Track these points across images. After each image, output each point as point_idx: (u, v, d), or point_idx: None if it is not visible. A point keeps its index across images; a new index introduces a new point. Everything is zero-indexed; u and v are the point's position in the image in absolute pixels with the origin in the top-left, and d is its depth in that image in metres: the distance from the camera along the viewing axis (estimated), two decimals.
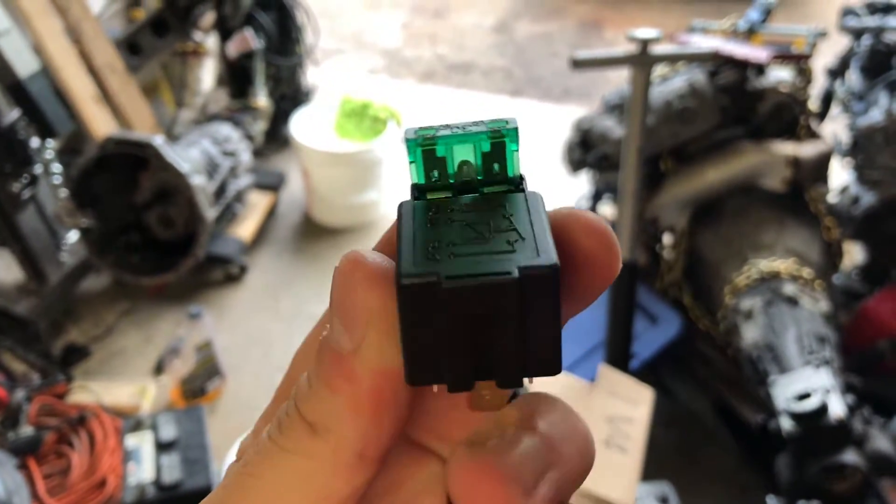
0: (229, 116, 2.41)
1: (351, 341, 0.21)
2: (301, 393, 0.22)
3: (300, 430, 0.21)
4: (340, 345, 0.21)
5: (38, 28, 2.02)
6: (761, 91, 1.73)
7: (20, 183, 1.80)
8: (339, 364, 0.21)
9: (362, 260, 0.21)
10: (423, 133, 0.22)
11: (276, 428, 0.22)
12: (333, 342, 0.21)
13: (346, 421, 0.21)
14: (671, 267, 1.78)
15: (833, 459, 1.25)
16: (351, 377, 0.21)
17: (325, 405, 0.21)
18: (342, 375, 0.21)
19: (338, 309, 0.21)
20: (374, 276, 0.21)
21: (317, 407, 0.21)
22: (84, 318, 2.10)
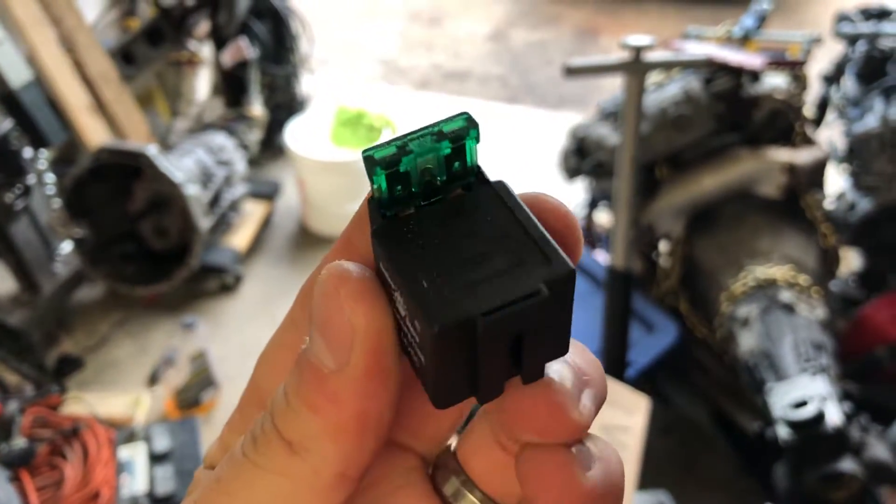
0: (224, 125, 2.41)
1: (335, 360, 0.20)
2: (278, 409, 0.21)
3: (277, 449, 0.21)
4: (322, 363, 0.20)
5: (32, 38, 2.01)
6: (756, 98, 1.73)
7: (13, 193, 1.79)
8: (321, 383, 0.20)
9: (347, 274, 0.20)
10: (383, 154, 0.21)
11: (250, 443, 0.21)
12: (314, 359, 0.20)
13: (327, 443, 0.20)
14: (667, 274, 1.78)
15: (830, 468, 1.24)
16: (334, 398, 0.20)
17: (305, 425, 0.20)
18: (324, 396, 0.20)
19: (320, 325, 0.20)
20: (360, 291, 0.20)
21: (296, 426, 0.20)
22: (78, 329, 2.09)
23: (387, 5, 4.39)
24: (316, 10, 4.09)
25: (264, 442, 0.21)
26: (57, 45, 2.09)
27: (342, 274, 0.20)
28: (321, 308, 0.20)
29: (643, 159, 1.71)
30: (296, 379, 0.21)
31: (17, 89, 1.82)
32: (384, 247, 0.21)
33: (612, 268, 1.47)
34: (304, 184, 2.40)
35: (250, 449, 0.21)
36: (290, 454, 0.20)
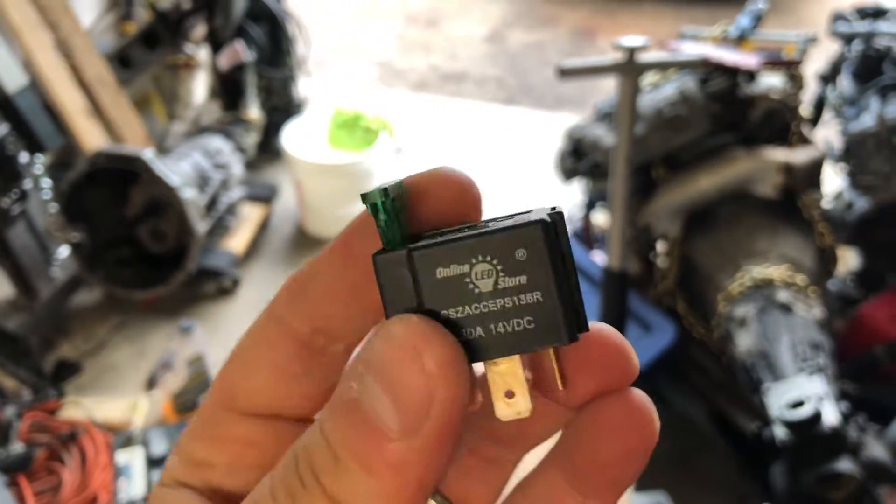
0: (221, 129, 2.41)
1: (402, 426, 0.18)
2: (324, 464, 0.19)
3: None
4: (386, 424, 0.18)
5: (28, 42, 2.02)
6: (752, 97, 1.73)
7: (10, 198, 1.79)
8: (382, 446, 0.18)
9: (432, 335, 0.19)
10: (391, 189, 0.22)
11: (284, 495, 0.20)
12: (375, 417, 0.18)
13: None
14: (665, 275, 1.77)
15: (828, 468, 1.24)
16: (397, 465, 0.18)
17: (357, 486, 0.18)
18: (384, 461, 0.18)
19: (390, 384, 0.18)
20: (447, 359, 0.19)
21: (347, 487, 0.19)
22: (75, 333, 2.09)
23: (384, 7, 4.39)
24: (312, 13, 4.10)
25: (305, 496, 0.19)
26: (53, 49, 2.09)
27: (426, 334, 0.19)
28: (395, 366, 0.19)
29: (640, 160, 1.71)
30: (348, 434, 0.19)
31: (13, 94, 1.82)
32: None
33: (607, 268, 1.47)
34: (302, 186, 2.40)
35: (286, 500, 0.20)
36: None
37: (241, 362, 0.24)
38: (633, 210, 1.75)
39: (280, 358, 0.23)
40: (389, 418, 0.18)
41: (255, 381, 0.23)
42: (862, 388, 1.55)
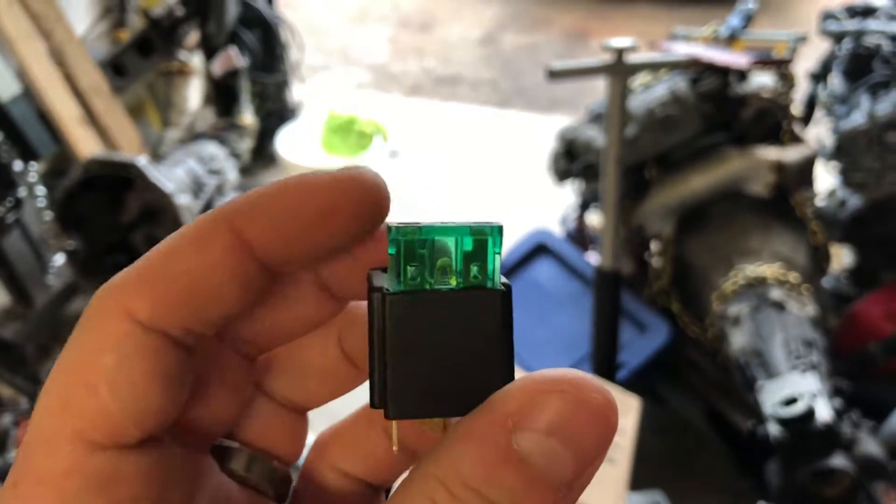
0: (215, 135, 2.41)
1: (573, 472, 0.18)
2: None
3: None
4: (562, 475, 0.18)
5: (21, 51, 2.02)
6: (743, 97, 1.74)
7: (4, 207, 1.79)
8: (554, 494, 0.18)
9: (606, 391, 0.19)
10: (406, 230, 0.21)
11: None
12: (553, 475, 0.18)
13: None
14: (659, 275, 1.78)
15: (821, 464, 1.24)
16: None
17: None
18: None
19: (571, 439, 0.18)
20: (615, 409, 0.19)
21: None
22: None
23: (377, 12, 4.40)
24: (306, 18, 4.11)
25: None
26: (47, 57, 2.10)
27: (600, 390, 0.19)
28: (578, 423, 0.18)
29: (632, 160, 1.72)
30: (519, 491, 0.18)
31: (7, 102, 1.82)
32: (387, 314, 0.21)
33: (600, 268, 1.48)
34: None
35: None
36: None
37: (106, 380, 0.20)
38: (625, 210, 1.76)
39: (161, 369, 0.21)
40: (564, 470, 0.18)
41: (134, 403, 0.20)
42: (856, 384, 1.56)
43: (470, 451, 0.18)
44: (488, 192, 2.74)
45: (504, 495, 0.18)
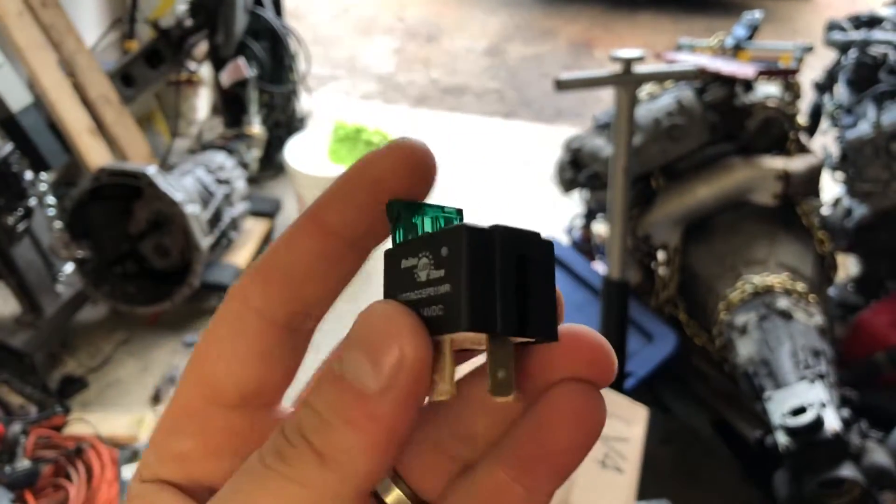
0: (223, 144, 2.42)
1: (379, 384, 0.21)
2: (311, 426, 0.22)
3: (307, 461, 0.22)
4: (364, 383, 0.21)
5: (32, 61, 2.04)
6: (749, 106, 1.74)
7: (14, 216, 1.81)
8: (363, 403, 0.21)
9: (402, 309, 0.22)
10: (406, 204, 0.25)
11: (274, 456, 0.22)
12: (353, 378, 0.22)
13: (359, 456, 0.21)
14: (666, 284, 1.78)
15: (830, 474, 1.24)
16: (374, 417, 0.21)
17: (341, 439, 0.21)
18: (364, 414, 0.21)
19: (367, 350, 0.22)
20: (413, 326, 0.22)
21: (331, 440, 0.21)
22: (81, 349, 2.10)
23: (384, 23, 4.42)
24: (314, 29, 4.13)
25: (294, 454, 0.22)
26: (57, 68, 2.12)
27: (397, 311, 0.22)
28: (373, 334, 0.22)
29: (639, 170, 1.73)
30: (333, 396, 0.22)
31: (17, 113, 1.84)
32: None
33: (607, 278, 1.48)
34: (304, 201, 2.42)
35: (275, 461, 0.22)
36: (321, 465, 0.21)
37: (218, 353, 0.25)
38: (632, 220, 1.77)
39: (260, 346, 0.25)
40: (369, 380, 0.21)
41: (236, 372, 0.25)
42: (863, 394, 1.55)
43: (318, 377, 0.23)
44: (494, 202, 2.75)
45: (323, 404, 0.22)
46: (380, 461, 0.21)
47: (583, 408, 0.23)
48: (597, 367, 0.24)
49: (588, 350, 0.24)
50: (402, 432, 0.22)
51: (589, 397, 0.23)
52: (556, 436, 0.23)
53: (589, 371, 0.23)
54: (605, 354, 0.24)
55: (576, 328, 0.24)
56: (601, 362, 0.24)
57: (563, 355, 0.24)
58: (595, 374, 0.23)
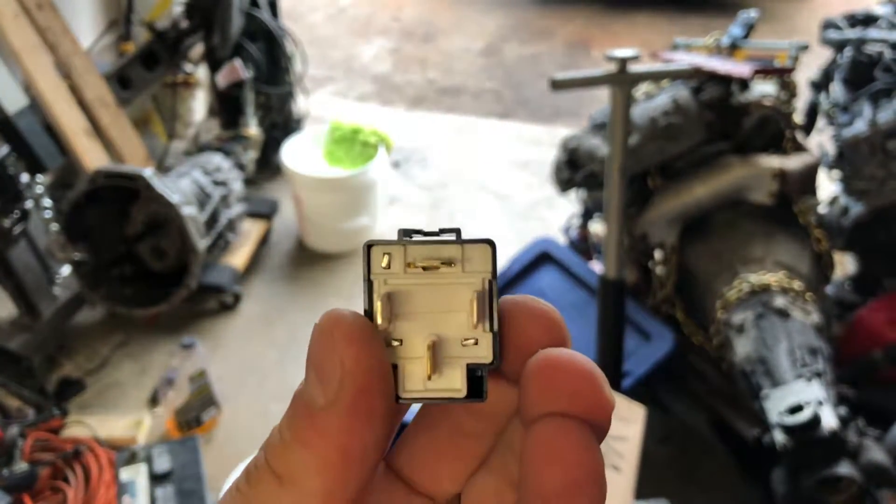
0: (220, 146, 2.42)
1: (324, 397, 0.21)
2: (271, 445, 0.22)
3: (268, 482, 0.22)
4: (314, 400, 0.21)
5: (28, 64, 2.03)
6: (745, 105, 1.74)
7: (11, 218, 1.80)
8: (311, 419, 0.21)
9: (341, 318, 0.22)
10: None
11: (243, 478, 0.23)
12: (307, 396, 0.22)
13: (313, 475, 0.21)
14: (663, 283, 1.78)
15: (828, 472, 1.24)
16: (321, 433, 0.21)
17: (294, 458, 0.21)
18: (313, 430, 0.21)
19: (314, 364, 0.22)
20: (351, 334, 0.21)
21: (285, 459, 0.21)
22: (78, 352, 2.09)
23: (380, 24, 4.42)
24: (310, 31, 4.13)
25: (256, 476, 0.22)
26: (53, 70, 2.11)
27: (337, 318, 0.22)
28: (316, 348, 0.22)
29: (635, 169, 1.73)
30: (289, 415, 0.22)
31: (13, 115, 1.84)
32: None
33: (604, 277, 1.48)
34: (301, 201, 2.42)
35: (244, 484, 0.22)
36: (279, 486, 0.21)
37: None
38: (629, 219, 1.77)
39: None
40: (316, 393, 0.21)
41: None
42: (860, 392, 1.56)
43: None
44: (491, 201, 2.75)
45: (283, 424, 0.22)
46: (335, 481, 0.21)
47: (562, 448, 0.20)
48: (581, 399, 0.21)
49: (570, 380, 0.21)
50: (358, 447, 0.21)
51: (568, 435, 0.20)
52: (543, 479, 0.20)
53: (571, 405, 0.21)
54: (590, 383, 0.21)
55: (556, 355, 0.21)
56: (585, 393, 0.21)
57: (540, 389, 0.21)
58: (580, 407, 0.21)
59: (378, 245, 0.24)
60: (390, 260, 0.24)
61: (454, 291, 0.24)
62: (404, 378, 0.23)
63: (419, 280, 0.24)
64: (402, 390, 0.23)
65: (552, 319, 0.23)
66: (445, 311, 0.24)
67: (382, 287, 0.23)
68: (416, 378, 0.23)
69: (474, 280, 0.23)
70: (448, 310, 0.24)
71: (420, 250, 0.24)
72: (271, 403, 1.92)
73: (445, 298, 0.24)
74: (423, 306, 0.24)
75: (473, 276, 0.24)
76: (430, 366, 0.23)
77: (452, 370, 0.23)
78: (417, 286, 0.24)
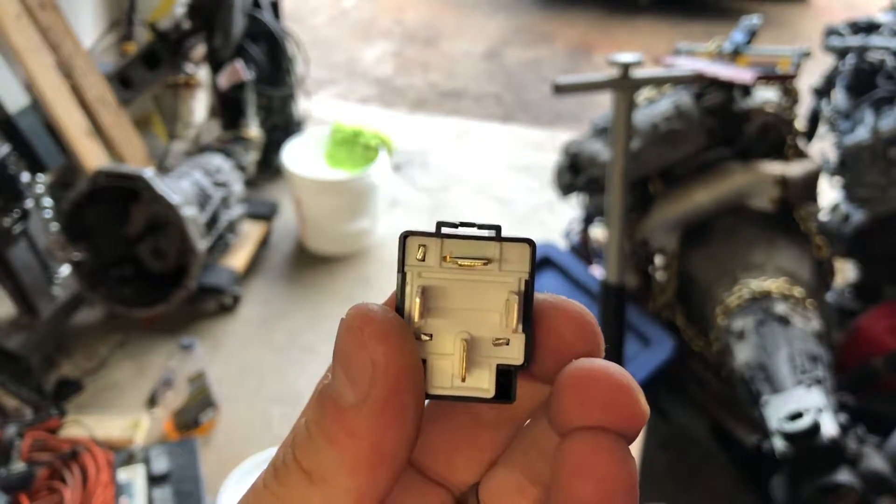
0: (221, 147, 2.42)
1: (354, 395, 0.21)
2: (299, 441, 0.22)
3: (296, 479, 0.21)
4: (343, 397, 0.21)
5: (29, 63, 2.03)
6: (747, 111, 1.74)
7: (11, 218, 1.80)
8: (341, 417, 0.21)
9: (372, 314, 0.21)
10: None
11: (271, 475, 0.22)
12: (335, 394, 0.21)
13: (343, 474, 0.21)
14: (663, 289, 1.78)
15: (827, 479, 1.24)
16: (352, 432, 0.21)
17: (324, 456, 0.21)
18: (343, 429, 0.21)
19: (342, 362, 0.21)
20: (383, 331, 0.21)
21: (315, 457, 0.21)
22: (77, 352, 2.09)
23: (382, 26, 4.42)
24: (312, 32, 4.13)
25: (284, 473, 0.22)
26: (55, 70, 2.11)
27: (367, 314, 0.21)
28: (344, 345, 0.21)
29: (637, 175, 1.73)
30: (317, 412, 0.22)
31: (14, 114, 1.83)
32: None
33: (605, 282, 1.48)
34: (302, 204, 2.42)
35: (271, 480, 0.22)
36: (309, 484, 0.21)
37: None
38: (630, 224, 1.76)
39: None
40: (345, 391, 0.21)
41: None
42: (860, 399, 1.55)
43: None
44: (492, 205, 2.75)
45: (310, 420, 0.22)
46: (365, 479, 0.21)
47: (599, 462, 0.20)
48: (617, 411, 0.21)
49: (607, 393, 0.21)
50: (390, 445, 0.21)
51: (605, 449, 0.20)
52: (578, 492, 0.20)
53: (607, 418, 0.21)
54: (627, 395, 0.21)
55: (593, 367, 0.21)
56: (622, 406, 0.21)
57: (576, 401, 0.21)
58: (616, 420, 0.21)
59: (414, 236, 0.23)
60: (426, 252, 0.23)
61: (489, 289, 0.23)
62: (432, 374, 0.23)
63: (454, 275, 0.23)
64: (429, 387, 0.23)
65: (587, 323, 0.23)
66: (478, 308, 0.23)
67: (416, 280, 0.23)
68: (445, 375, 0.23)
69: (510, 280, 0.23)
70: (481, 308, 0.23)
71: (457, 245, 0.23)
72: (270, 405, 1.92)
73: (479, 296, 0.23)
74: (455, 302, 0.23)
75: (510, 275, 0.23)
76: (464, 366, 0.23)
77: (481, 370, 0.23)
78: (451, 281, 0.23)
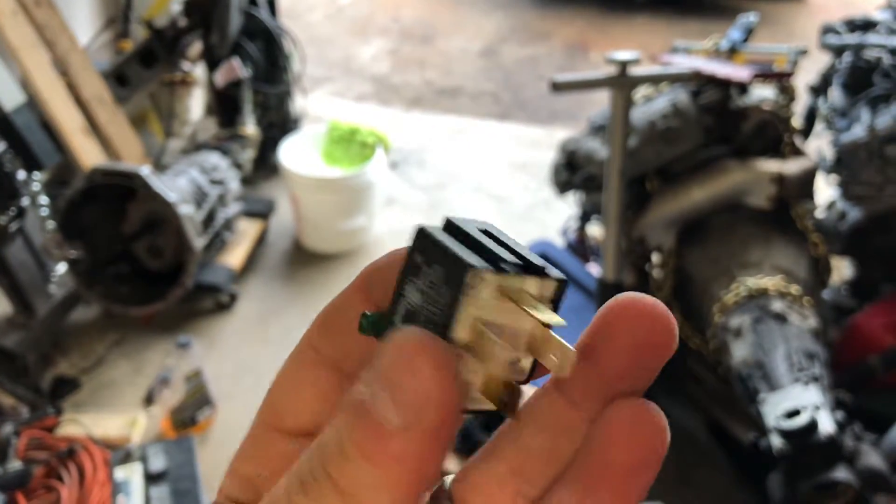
0: (217, 145, 2.42)
1: (402, 420, 0.20)
2: (332, 456, 0.21)
3: (329, 496, 0.21)
4: (387, 419, 0.20)
5: (25, 61, 2.03)
6: (744, 109, 1.74)
7: (7, 216, 1.80)
8: (384, 439, 0.20)
9: (427, 342, 0.21)
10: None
11: (298, 488, 0.22)
12: (377, 414, 0.21)
13: (383, 495, 0.21)
14: (660, 286, 1.78)
15: (824, 477, 1.24)
16: (397, 456, 0.20)
17: (362, 476, 0.21)
18: (386, 451, 0.20)
19: (388, 383, 0.21)
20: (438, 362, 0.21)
21: (352, 476, 0.21)
22: (73, 350, 2.09)
23: (379, 24, 4.42)
24: (308, 30, 4.13)
25: (316, 488, 0.21)
26: (51, 67, 2.11)
27: (422, 341, 0.21)
28: (393, 367, 0.21)
29: (634, 172, 1.73)
30: (356, 431, 0.21)
31: (10, 112, 1.83)
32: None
33: (602, 280, 1.48)
34: (299, 201, 2.41)
35: (298, 494, 0.22)
36: (342, 502, 0.21)
37: (283, 389, 0.28)
38: (627, 222, 1.77)
39: (318, 382, 0.27)
40: (390, 415, 0.20)
41: (298, 404, 0.27)
42: (857, 397, 1.56)
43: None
44: (489, 203, 2.75)
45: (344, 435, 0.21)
46: (405, 499, 0.21)
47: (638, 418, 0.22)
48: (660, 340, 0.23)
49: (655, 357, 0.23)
50: (433, 469, 0.21)
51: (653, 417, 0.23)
52: (613, 453, 0.22)
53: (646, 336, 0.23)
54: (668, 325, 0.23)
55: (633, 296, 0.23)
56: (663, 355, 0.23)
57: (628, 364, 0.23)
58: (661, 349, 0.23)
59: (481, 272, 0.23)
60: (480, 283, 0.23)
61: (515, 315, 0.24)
62: None
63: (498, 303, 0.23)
64: None
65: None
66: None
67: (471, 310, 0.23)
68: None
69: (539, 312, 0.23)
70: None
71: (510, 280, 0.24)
72: None
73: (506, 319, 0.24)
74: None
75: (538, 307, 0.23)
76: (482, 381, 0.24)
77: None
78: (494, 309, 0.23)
